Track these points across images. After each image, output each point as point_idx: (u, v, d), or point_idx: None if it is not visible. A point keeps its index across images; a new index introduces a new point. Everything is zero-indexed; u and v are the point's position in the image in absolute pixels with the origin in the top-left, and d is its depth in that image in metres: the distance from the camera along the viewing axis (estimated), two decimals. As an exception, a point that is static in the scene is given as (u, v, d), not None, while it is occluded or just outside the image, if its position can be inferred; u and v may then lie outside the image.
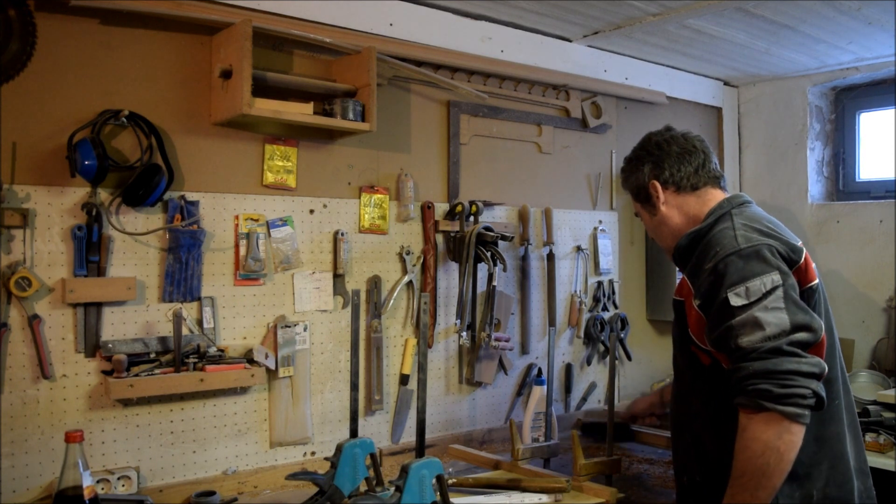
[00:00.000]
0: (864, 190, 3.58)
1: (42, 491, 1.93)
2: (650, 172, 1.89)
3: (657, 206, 1.88)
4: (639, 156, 1.93)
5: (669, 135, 1.93)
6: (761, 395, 1.49)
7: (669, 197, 1.87)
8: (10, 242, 1.89)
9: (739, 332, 1.54)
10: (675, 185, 1.86)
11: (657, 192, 1.87)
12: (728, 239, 1.66)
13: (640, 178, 1.90)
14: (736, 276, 1.58)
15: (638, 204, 1.96)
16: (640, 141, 1.97)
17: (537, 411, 2.58)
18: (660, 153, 1.89)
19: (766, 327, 1.52)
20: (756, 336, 1.52)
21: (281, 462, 2.31)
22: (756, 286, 1.56)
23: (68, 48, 1.97)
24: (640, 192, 1.92)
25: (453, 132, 2.73)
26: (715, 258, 1.64)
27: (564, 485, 2.05)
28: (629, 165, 1.96)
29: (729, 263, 1.61)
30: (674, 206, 1.87)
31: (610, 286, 3.22)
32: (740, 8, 2.60)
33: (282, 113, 2.15)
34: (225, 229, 2.22)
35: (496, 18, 2.77)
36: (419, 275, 2.61)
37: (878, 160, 3.55)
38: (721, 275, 1.61)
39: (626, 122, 3.34)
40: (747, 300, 1.55)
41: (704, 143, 1.92)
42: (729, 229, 1.69)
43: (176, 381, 2.01)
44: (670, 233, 1.89)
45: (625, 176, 1.98)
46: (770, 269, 1.58)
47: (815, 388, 1.49)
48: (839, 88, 3.66)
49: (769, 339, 1.51)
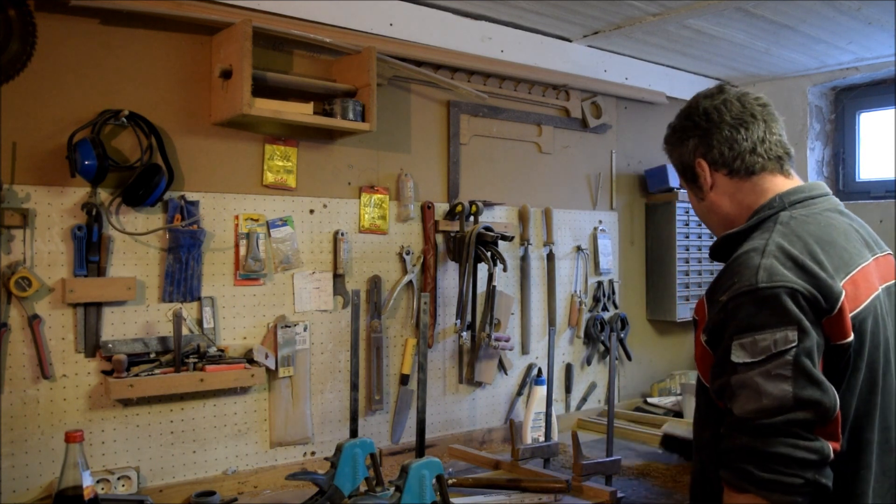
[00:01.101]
0: (864, 190, 3.58)
1: (42, 491, 1.93)
2: (696, 148, 1.56)
3: (706, 187, 1.56)
4: (683, 125, 1.59)
5: (722, 99, 1.56)
6: (743, 477, 1.26)
7: (720, 181, 1.54)
8: (10, 242, 1.89)
9: (735, 395, 1.30)
10: (726, 167, 1.53)
11: (704, 173, 1.55)
12: (749, 269, 1.34)
13: (685, 154, 1.58)
14: (745, 323, 1.30)
15: (684, 182, 1.63)
16: (687, 104, 1.62)
17: (537, 411, 2.58)
18: (709, 125, 1.55)
19: (763, 398, 1.26)
20: (750, 406, 1.27)
21: (281, 462, 2.31)
22: (765, 342, 1.28)
23: (68, 48, 1.97)
24: (686, 170, 1.59)
25: (453, 132, 2.73)
26: (730, 292, 1.35)
27: (564, 485, 2.05)
28: (673, 136, 1.62)
29: (740, 305, 1.32)
30: (724, 194, 1.55)
31: (610, 286, 3.22)
32: (740, 8, 2.60)
33: (282, 113, 2.15)
34: (225, 229, 2.22)
35: (496, 18, 2.77)
36: (419, 275, 2.61)
37: (878, 160, 3.55)
38: (731, 316, 1.33)
39: (626, 122, 3.34)
40: (751, 357, 1.29)
41: (768, 108, 1.58)
42: (756, 252, 1.36)
43: (176, 381, 2.01)
44: (720, 223, 1.57)
45: (668, 147, 1.65)
46: (787, 322, 1.28)
47: (809, 478, 1.24)
48: (839, 88, 3.66)
49: (763, 414, 1.25)
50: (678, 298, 3.29)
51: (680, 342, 3.57)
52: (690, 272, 3.35)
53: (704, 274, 3.43)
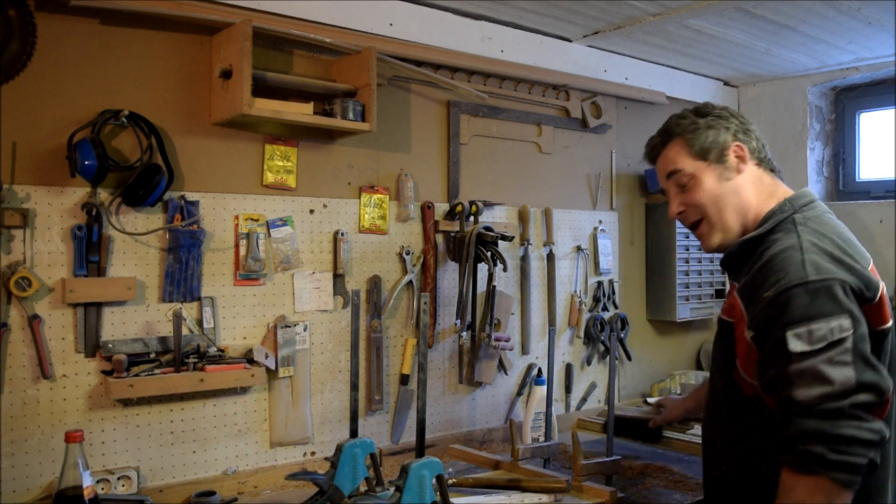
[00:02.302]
0: (864, 190, 3.58)
1: (42, 491, 1.93)
2: (735, 134, 1.64)
3: (737, 170, 1.62)
4: (719, 114, 1.67)
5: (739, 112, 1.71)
6: (813, 459, 1.31)
7: (751, 167, 1.64)
8: (10, 242, 1.89)
9: (796, 383, 1.34)
10: (758, 156, 1.65)
11: (743, 154, 1.63)
12: (794, 265, 1.42)
13: (722, 136, 1.63)
14: (798, 314, 1.37)
15: (702, 164, 1.64)
16: (710, 106, 1.71)
17: (537, 411, 2.58)
18: (744, 122, 1.67)
19: (829, 384, 1.32)
20: (815, 391, 1.32)
21: (281, 462, 2.31)
22: (822, 331, 1.34)
23: (68, 48, 1.97)
24: (715, 150, 1.63)
25: (453, 132, 2.73)
26: (777, 287, 1.41)
27: (564, 485, 2.05)
28: (705, 121, 1.66)
29: (792, 297, 1.38)
30: (750, 180, 1.63)
31: (610, 286, 3.22)
32: (740, 8, 2.60)
33: (282, 113, 2.15)
34: (225, 229, 2.22)
35: (496, 18, 2.77)
36: (419, 275, 2.61)
37: (878, 160, 3.55)
38: (781, 309, 1.39)
39: (626, 122, 3.34)
40: (809, 346, 1.34)
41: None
42: (795, 250, 1.45)
43: (176, 381, 2.01)
44: (739, 207, 1.62)
45: (695, 127, 1.65)
46: (840, 312, 1.36)
47: (871, 457, 1.31)
48: (839, 88, 3.66)
49: (830, 398, 1.31)
50: (678, 298, 3.29)
51: (680, 342, 3.57)
52: (690, 272, 3.35)
53: (704, 274, 3.43)
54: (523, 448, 2.29)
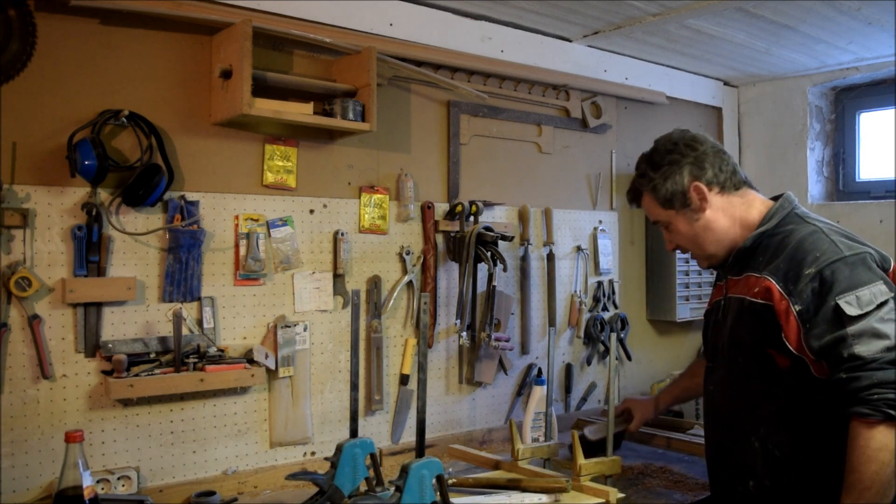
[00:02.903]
0: (864, 190, 3.58)
1: (42, 491, 1.93)
2: (690, 174, 1.76)
3: (701, 209, 1.77)
4: (671, 160, 1.79)
5: (690, 135, 1.82)
6: (889, 405, 1.46)
7: (714, 198, 1.77)
8: (10, 242, 1.89)
9: (856, 342, 1.52)
10: (719, 185, 1.76)
11: (702, 193, 1.76)
12: (827, 244, 1.62)
13: (678, 182, 1.77)
14: (845, 284, 1.56)
15: (671, 212, 1.82)
16: (660, 146, 1.83)
17: (537, 411, 2.58)
18: (695, 153, 1.78)
19: (887, 337, 1.50)
20: (876, 345, 1.50)
21: (281, 462, 2.31)
22: (866, 296, 1.54)
23: (68, 48, 1.97)
24: (677, 197, 1.79)
25: (453, 132, 2.73)
26: (817, 263, 1.59)
27: (564, 485, 2.05)
28: (660, 172, 1.80)
29: (836, 270, 1.57)
30: (719, 209, 1.77)
31: (610, 286, 3.22)
32: (740, 8, 2.60)
33: (282, 113, 2.15)
34: (225, 229, 2.22)
35: (496, 18, 2.77)
36: (419, 275, 2.61)
37: (878, 160, 3.55)
38: (828, 281, 1.57)
39: (626, 122, 3.34)
40: (860, 310, 1.53)
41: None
42: (819, 233, 1.65)
43: (176, 381, 2.01)
44: (715, 239, 1.79)
45: (653, 185, 1.82)
46: (877, 279, 1.57)
47: None
48: (839, 88, 3.65)
49: (891, 350, 1.50)
50: (678, 298, 3.29)
51: (680, 342, 3.56)
52: (690, 272, 3.35)
53: (704, 274, 3.42)
54: (523, 448, 2.29)
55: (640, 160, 1.90)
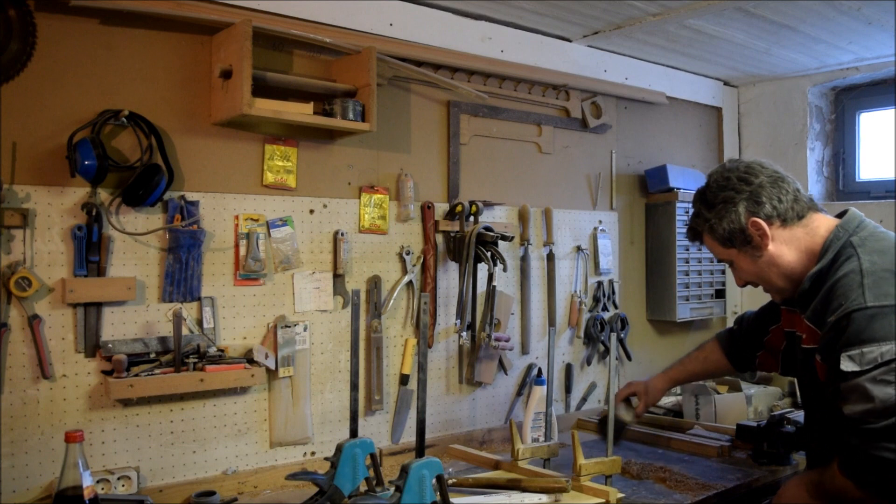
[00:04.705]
0: (864, 190, 3.58)
1: (42, 491, 1.93)
2: (746, 210, 1.69)
3: (763, 246, 1.69)
4: (725, 197, 1.71)
5: (744, 166, 1.74)
6: (857, 480, 1.50)
7: (776, 232, 1.69)
8: (10, 242, 1.89)
9: (846, 399, 1.50)
10: (780, 217, 1.68)
11: (761, 230, 1.68)
12: (854, 291, 1.53)
13: (735, 220, 1.70)
14: (855, 338, 1.49)
15: (732, 251, 1.75)
16: (712, 182, 1.75)
17: (537, 411, 2.58)
18: (750, 187, 1.70)
19: (871, 401, 1.45)
20: (859, 408, 1.47)
21: (281, 462, 2.31)
22: (873, 354, 1.46)
23: (68, 48, 1.97)
24: (736, 236, 1.71)
25: (453, 132, 2.73)
26: (838, 312, 1.53)
27: (564, 485, 2.05)
28: (714, 212, 1.73)
29: (852, 321, 1.50)
30: (782, 243, 1.69)
31: (610, 286, 3.22)
32: (740, 8, 2.60)
33: (282, 113, 2.15)
34: (225, 229, 2.22)
35: (496, 18, 2.77)
36: (419, 275, 2.61)
37: (878, 160, 3.55)
38: (841, 333, 1.52)
39: (626, 122, 3.34)
40: (859, 367, 1.47)
41: (779, 169, 1.75)
42: (855, 274, 1.55)
43: (176, 381, 2.01)
44: (781, 273, 1.72)
45: (710, 225, 1.74)
46: (892, 336, 1.47)
47: None
48: (839, 88, 3.66)
49: (872, 415, 1.45)
50: (678, 298, 3.29)
51: (680, 342, 3.56)
52: (690, 272, 3.35)
53: (704, 274, 3.43)
54: (523, 448, 2.29)
55: (695, 198, 1.82)
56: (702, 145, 3.71)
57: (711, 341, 2.40)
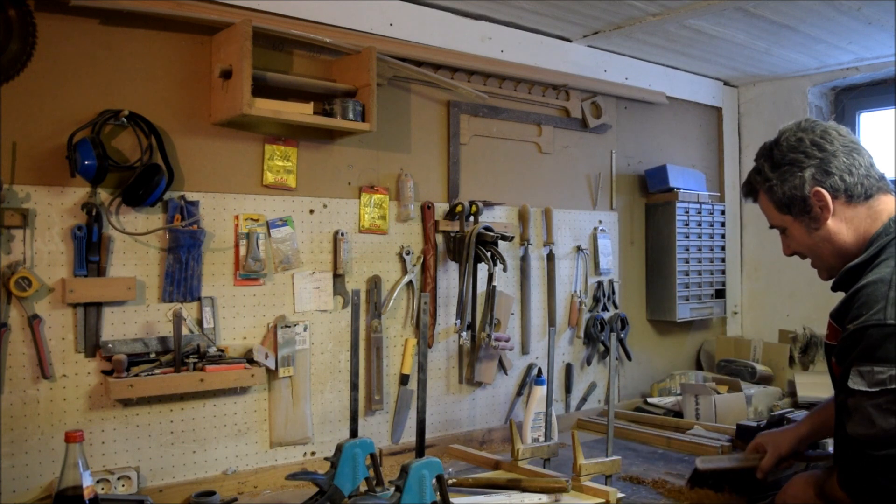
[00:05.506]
0: (864, 190, 3.58)
1: (42, 491, 1.93)
2: (813, 178, 1.56)
3: (822, 219, 1.57)
4: (793, 159, 1.59)
5: (821, 129, 1.60)
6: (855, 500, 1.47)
7: (839, 208, 1.57)
8: (10, 242, 1.89)
9: (851, 416, 1.43)
10: (846, 192, 1.56)
11: (824, 201, 1.56)
12: (878, 303, 1.41)
13: (798, 186, 1.57)
14: (868, 354, 1.40)
15: (787, 217, 1.63)
16: (784, 141, 1.62)
17: (537, 411, 2.58)
18: (823, 154, 1.57)
19: (873, 427, 1.37)
20: (860, 430, 1.40)
21: (281, 462, 2.31)
22: (882, 375, 1.37)
23: (68, 48, 1.97)
24: (795, 202, 1.59)
25: (453, 132, 2.73)
26: (857, 323, 1.43)
27: (564, 485, 2.05)
28: (778, 172, 1.61)
29: (869, 336, 1.40)
30: (842, 220, 1.57)
31: (610, 286, 3.22)
32: (740, 8, 2.60)
33: (282, 113, 2.15)
34: (225, 229, 2.22)
35: (496, 18, 2.77)
36: (419, 275, 2.61)
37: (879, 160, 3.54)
38: (855, 345, 1.43)
39: (626, 122, 3.34)
40: (867, 387, 1.39)
41: (856, 138, 1.62)
42: (883, 284, 1.42)
43: (176, 381, 2.01)
44: (835, 252, 1.60)
45: (769, 185, 1.62)
46: None
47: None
48: (839, 88, 3.66)
49: (873, 443, 1.38)
50: (678, 298, 3.29)
51: (680, 342, 3.57)
52: (690, 272, 3.35)
53: (704, 274, 3.43)
54: (523, 448, 2.29)
55: (760, 153, 1.69)
56: (702, 145, 3.71)
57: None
